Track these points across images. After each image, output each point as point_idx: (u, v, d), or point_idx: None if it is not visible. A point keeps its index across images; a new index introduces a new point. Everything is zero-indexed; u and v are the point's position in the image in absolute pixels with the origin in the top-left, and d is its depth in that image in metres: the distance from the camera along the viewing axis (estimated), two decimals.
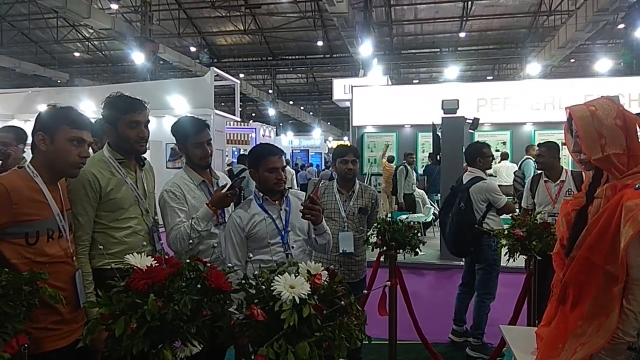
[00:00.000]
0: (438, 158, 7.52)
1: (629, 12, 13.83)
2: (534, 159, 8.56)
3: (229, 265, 2.29)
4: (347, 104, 13.76)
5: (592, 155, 1.63)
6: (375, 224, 3.18)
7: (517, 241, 2.98)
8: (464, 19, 20.59)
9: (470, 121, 7.75)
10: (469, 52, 24.42)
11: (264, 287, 1.33)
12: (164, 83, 12.41)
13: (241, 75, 24.25)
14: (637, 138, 1.64)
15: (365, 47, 14.85)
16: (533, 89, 11.22)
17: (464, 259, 4.62)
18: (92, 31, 21.18)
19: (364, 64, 15.74)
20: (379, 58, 19.84)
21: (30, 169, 1.89)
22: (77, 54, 24.72)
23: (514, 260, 3.06)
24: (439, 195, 10.63)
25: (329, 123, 36.57)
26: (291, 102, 32.29)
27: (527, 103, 10.99)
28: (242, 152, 13.55)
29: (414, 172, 10.27)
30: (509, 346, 2.07)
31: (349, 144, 3.57)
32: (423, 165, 11.40)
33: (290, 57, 25.57)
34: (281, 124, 32.72)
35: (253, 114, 34.58)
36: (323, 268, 1.45)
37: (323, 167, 22.18)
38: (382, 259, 3.35)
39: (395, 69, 25.95)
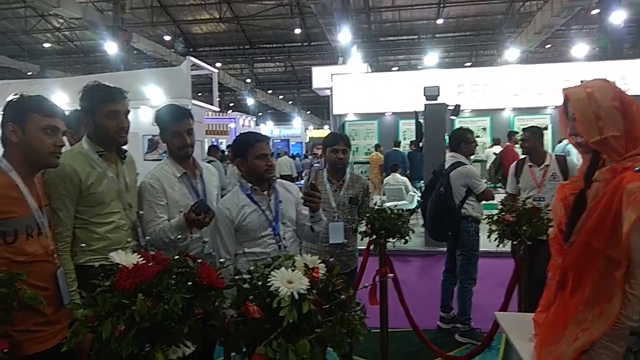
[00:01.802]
0: (420, 145, 7.52)
1: None
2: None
3: (221, 260, 2.23)
4: (327, 92, 13.68)
5: (589, 137, 1.60)
6: (365, 213, 3.14)
7: (507, 226, 2.96)
8: (441, 5, 20.57)
9: (452, 108, 7.76)
10: (446, 39, 24.48)
11: (259, 282, 1.26)
12: (138, 73, 12.08)
13: (218, 65, 23.85)
14: (635, 120, 1.61)
15: (344, 35, 14.74)
16: (512, 74, 11.32)
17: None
18: (62, 21, 20.51)
19: (343, 52, 15.64)
20: (358, 45, 19.74)
21: (4, 163, 1.78)
22: (47, 45, 23.95)
23: (503, 246, 3.06)
24: (422, 182, 10.69)
25: (308, 112, 36.41)
26: (270, 91, 31.99)
27: (506, 89, 11.08)
28: (212, 144, 13.41)
29: None
30: (504, 333, 2.05)
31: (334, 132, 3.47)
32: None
33: (267, 46, 25.24)
34: (260, 114, 32.42)
35: (231, 104, 34.16)
36: (320, 260, 1.39)
37: (303, 157, 22.11)
38: (371, 247, 3.30)
39: (374, 57, 25.88)
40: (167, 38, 21.97)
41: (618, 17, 14.06)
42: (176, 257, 1.39)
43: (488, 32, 24.04)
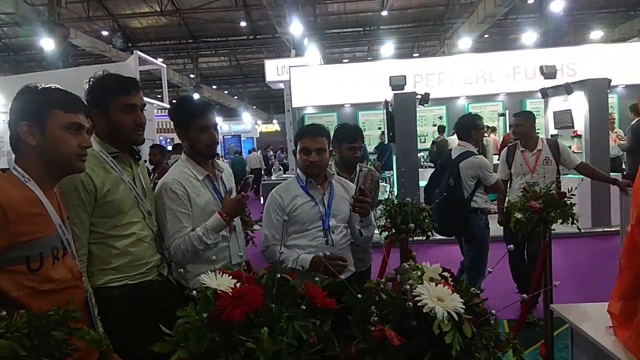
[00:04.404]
0: (391, 135, 7.43)
1: None
2: None
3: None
4: (281, 85, 13.39)
5: None
6: (385, 207, 2.97)
7: (534, 214, 2.88)
8: None
9: (419, 97, 7.71)
10: (390, 31, 24.69)
11: (404, 301, 1.04)
12: (82, 70, 11.26)
13: (159, 60, 22.81)
14: None
15: (296, 27, 14.47)
16: (465, 63, 11.46)
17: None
18: None
19: (296, 44, 15.36)
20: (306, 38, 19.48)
21: (19, 172, 1.44)
22: None
23: (526, 236, 2.98)
24: (390, 172, 10.67)
25: (254, 107, 35.72)
26: (214, 87, 31.11)
27: (460, 77, 11.22)
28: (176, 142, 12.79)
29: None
30: (574, 326, 1.95)
31: (333, 125, 3.22)
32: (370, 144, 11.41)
33: (211, 40, 24.46)
34: None
35: (174, 100, 32.89)
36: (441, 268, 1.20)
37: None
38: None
39: (321, 49, 25.73)
40: (105, 33, 20.77)
41: (557, 6, 14.67)
42: (278, 276, 1.14)
43: (430, 24, 24.46)
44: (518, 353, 1.07)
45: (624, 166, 7.92)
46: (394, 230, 2.92)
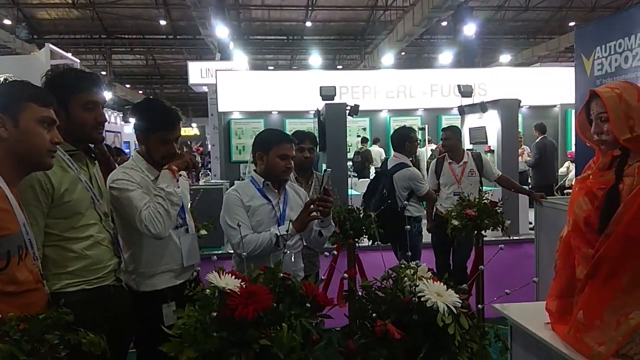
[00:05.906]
0: (322, 143, 7.57)
1: (458, 10, 15.56)
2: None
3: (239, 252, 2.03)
4: (204, 88, 13.13)
5: (621, 135, 1.72)
6: (333, 213, 3.04)
7: (470, 221, 3.10)
8: (310, 8, 21.04)
9: (349, 108, 7.93)
10: (313, 42, 25.13)
11: (402, 296, 1.10)
12: None
13: (68, 55, 21.40)
14: None
15: (221, 30, 14.29)
16: (388, 78, 11.96)
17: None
18: None
19: (221, 48, 15.15)
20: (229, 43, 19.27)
21: None
22: None
23: (462, 241, 3.19)
24: None
25: None
26: (128, 86, 29.74)
27: (383, 91, 11.68)
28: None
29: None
30: (515, 323, 2.13)
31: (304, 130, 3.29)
32: None
33: (127, 36, 23.40)
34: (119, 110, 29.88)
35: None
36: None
37: None
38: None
39: (244, 54, 25.56)
40: (8, 22, 19.13)
41: (470, 30, 15.78)
42: (282, 276, 1.16)
43: (350, 38, 25.21)
44: (504, 343, 1.17)
45: (529, 180, 8.70)
46: (341, 236, 3.00)
